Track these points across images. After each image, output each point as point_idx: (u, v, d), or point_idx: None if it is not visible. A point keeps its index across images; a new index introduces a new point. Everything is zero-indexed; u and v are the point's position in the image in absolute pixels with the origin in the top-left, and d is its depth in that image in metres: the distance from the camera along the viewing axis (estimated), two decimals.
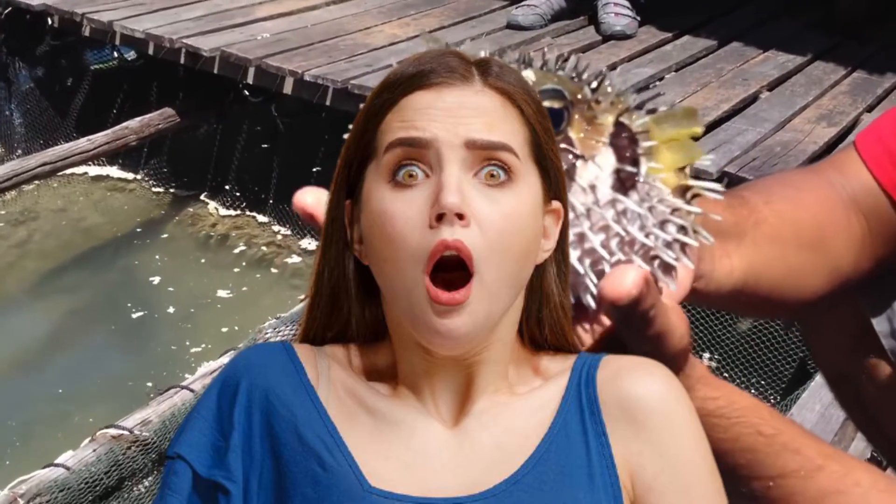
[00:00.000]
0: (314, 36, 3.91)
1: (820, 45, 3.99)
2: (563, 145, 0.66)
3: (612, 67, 3.72)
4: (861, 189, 1.05)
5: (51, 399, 3.15)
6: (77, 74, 4.60)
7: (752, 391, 3.02)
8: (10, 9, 4.29)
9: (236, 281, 3.77)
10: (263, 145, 4.16)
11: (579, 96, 0.67)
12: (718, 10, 4.37)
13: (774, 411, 0.79)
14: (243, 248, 3.97)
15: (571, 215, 0.66)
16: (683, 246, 0.71)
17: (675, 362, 0.70)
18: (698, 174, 0.73)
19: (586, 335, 0.69)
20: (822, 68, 3.79)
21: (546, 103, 0.65)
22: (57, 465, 2.20)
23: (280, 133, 4.05)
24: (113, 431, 2.22)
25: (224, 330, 3.47)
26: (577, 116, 0.66)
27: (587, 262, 0.65)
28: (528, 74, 0.67)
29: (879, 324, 1.19)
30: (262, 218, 4.11)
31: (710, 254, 0.88)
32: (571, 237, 0.66)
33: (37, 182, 4.01)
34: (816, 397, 1.96)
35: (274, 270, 3.81)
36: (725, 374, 3.03)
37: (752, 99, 3.47)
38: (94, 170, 4.45)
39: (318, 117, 3.88)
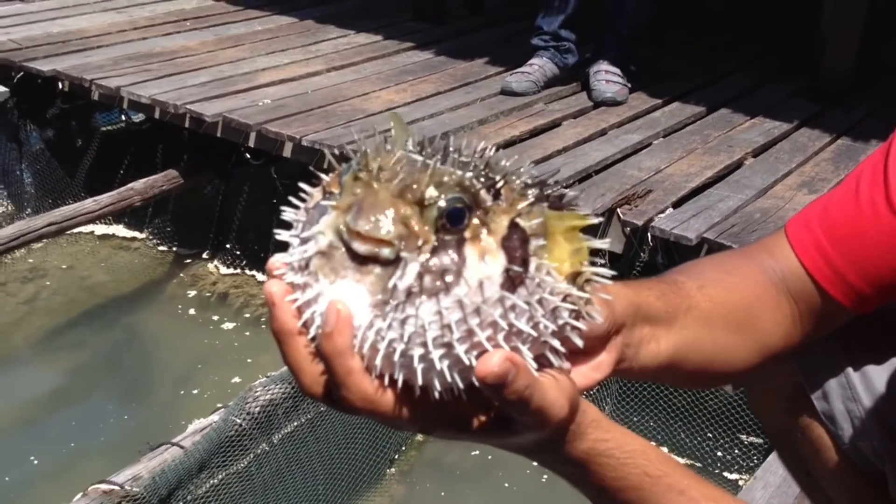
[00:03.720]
0: (313, 102, 4.04)
1: (807, 112, 4.10)
2: (458, 245, 0.70)
3: (602, 133, 3.83)
4: (790, 273, 1.12)
5: (50, 454, 3.22)
6: (86, 136, 4.74)
7: (735, 451, 3.07)
8: (21, 74, 4.44)
9: (234, 339, 3.86)
10: (264, 206, 4.27)
11: (480, 200, 0.71)
12: (708, 78, 4.49)
13: (664, 454, 0.86)
14: (242, 306, 4.06)
15: (460, 313, 0.69)
16: (575, 328, 0.78)
17: (558, 431, 0.77)
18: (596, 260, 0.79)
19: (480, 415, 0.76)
20: (807, 135, 3.88)
21: (447, 204, 0.71)
22: None
23: (280, 194, 4.16)
24: (104, 486, 2.28)
25: (220, 387, 3.55)
26: (475, 221, 0.70)
27: (474, 353, 0.70)
28: (441, 169, 0.74)
29: (811, 386, 1.27)
30: (261, 276, 4.21)
31: (637, 339, 0.95)
32: (460, 333, 0.69)
33: (45, 240, 4.13)
34: (780, 461, 2.01)
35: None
36: (710, 435, 3.09)
37: (737, 165, 3.56)
38: (100, 228, 4.57)
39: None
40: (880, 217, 1.09)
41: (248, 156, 4.13)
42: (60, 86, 4.39)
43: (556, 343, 0.74)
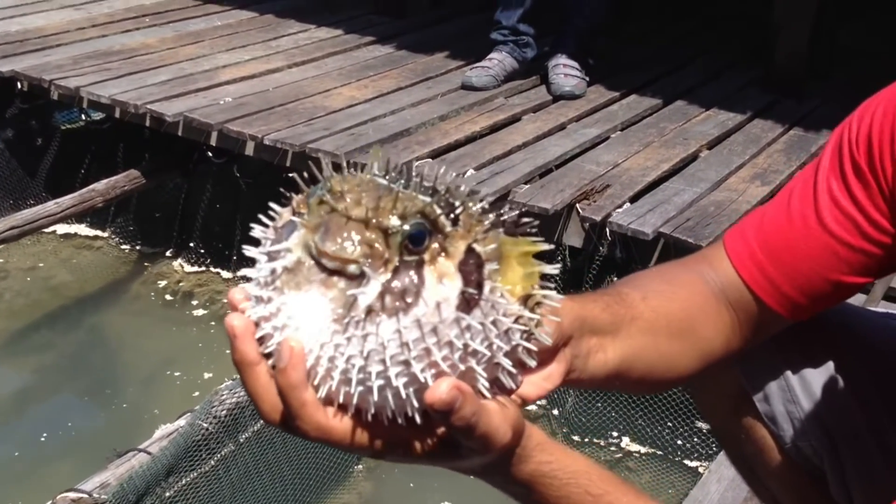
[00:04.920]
0: (274, 99, 4.05)
1: (760, 102, 4.16)
2: (418, 267, 0.73)
3: (562, 128, 3.88)
4: (728, 283, 1.17)
5: (15, 460, 3.23)
6: (46, 135, 4.71)
7: (695, 439, 3.15)
8: None
9: (200, 338, 3.87)
10: (227, 204, 4.27)
11: (439, 225, 0.75)
12: (665, 69, 4.54)
13: (606, 474, 0.90)
14: (207, 304, 4.07)
15: (418, 332, 0.72)
16: (527, 348, 0.83)
17: (503, 455, 0.82)
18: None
19: (428, 440, 0.81)
20: (760, 126, 3.95)
21: (409, 228, 0.76)
22: None
23: (243, 192, 4.17)
24: (72, 495, 2.30)
25: (189, 384, 3.57)
26: (434, 245, 0.74)
27: (430, 372, 0.75)
28: (404, 194, 0.78)
29: (753, 388, 1.33)
30: (225, 274, 4.22)
31: (585, 350, 1.00)
32: (418, 351, 0.73)
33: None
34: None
35: None
36: (669, 424, 3.16)
37: (692, 158, 3.62)
38: (62, 227, 4.54)
39: (278, 177, 4.00)
40: (811, 231, 1.14)
41: (210, 154, 4.13)
42: (19, 86, 4.36)
43: (507, 364, 0.79)
